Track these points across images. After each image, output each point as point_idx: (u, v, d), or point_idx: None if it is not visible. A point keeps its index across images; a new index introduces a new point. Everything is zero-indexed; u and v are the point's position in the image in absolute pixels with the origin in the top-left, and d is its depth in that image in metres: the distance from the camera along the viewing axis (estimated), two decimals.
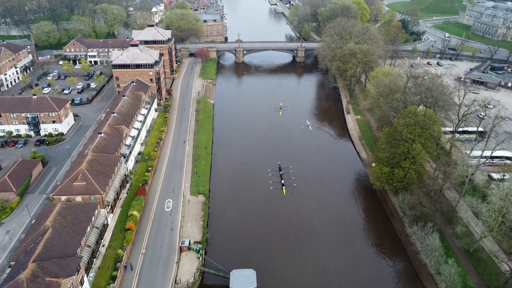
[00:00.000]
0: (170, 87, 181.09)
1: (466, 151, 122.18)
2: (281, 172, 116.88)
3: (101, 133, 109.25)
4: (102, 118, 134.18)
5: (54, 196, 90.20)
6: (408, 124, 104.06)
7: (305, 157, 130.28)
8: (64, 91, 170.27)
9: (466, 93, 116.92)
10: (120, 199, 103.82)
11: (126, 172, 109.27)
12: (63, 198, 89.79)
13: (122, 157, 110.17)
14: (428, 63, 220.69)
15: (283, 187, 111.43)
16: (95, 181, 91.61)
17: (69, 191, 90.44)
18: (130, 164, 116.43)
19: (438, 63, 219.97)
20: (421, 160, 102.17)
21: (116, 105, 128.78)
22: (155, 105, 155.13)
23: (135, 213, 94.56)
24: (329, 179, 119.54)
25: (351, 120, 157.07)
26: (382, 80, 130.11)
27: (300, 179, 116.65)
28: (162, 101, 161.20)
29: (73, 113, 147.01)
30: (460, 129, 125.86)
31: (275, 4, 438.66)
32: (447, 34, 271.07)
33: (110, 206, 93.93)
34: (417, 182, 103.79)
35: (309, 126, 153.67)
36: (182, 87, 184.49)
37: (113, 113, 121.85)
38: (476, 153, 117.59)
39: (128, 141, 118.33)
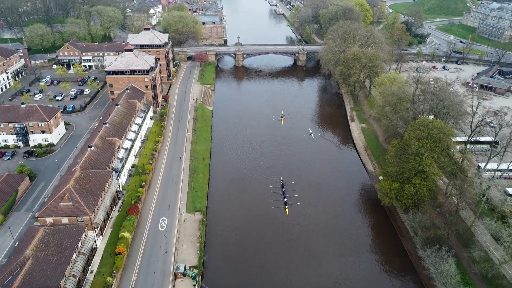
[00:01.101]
0: (167, 93, 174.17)
1: (479, 164, 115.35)
2: (283, 189, 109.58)
3: (91, 147, 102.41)
4: (95, 127, 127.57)
5: (39, 218, 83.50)
6: (419, 137, 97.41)
7: (309, 170, 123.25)
8: (57, 98, 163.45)
9: (480, 103, 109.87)
10: (112, 217, 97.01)
11: (118, 188, 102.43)
12: (49, 219, 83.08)
13: (114, 172, 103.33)
14: (433, 67, 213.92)
15: (286, 207, 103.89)
16: (83, 201, 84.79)
17: (54, 212, 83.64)
18: (123, 178, 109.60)
19: (444, 67, 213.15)
20: (433, 176, 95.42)
21: (109, 115, 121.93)
22: (150, 113, 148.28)
23: (126, 234, 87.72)
24: (334, 194, 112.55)
25: (356, 129, 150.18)
26: (390, 88, 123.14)
27: (303, 196, 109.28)
28: (158, 108, 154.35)
29: (64, 122, 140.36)
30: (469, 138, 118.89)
31: (275, 5, 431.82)
32: (452, 37, 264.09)
33: (99, 227, 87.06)
34: (429, 199, 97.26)
35: (312, 135, 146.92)
36: (179, 93, 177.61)
37: (105, 123, 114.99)
38: (490, 165, 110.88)
39: (121, 153, 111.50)
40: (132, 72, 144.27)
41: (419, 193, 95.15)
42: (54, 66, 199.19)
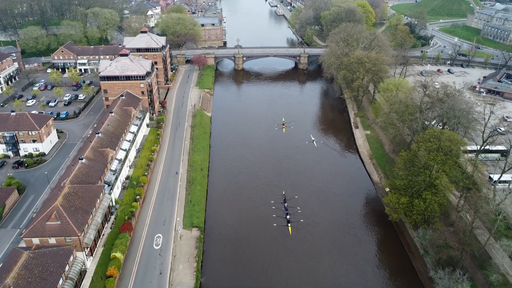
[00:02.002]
0: (164, 98, 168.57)
1: (490, 174, 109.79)
2: (286, 204, 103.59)
3: (82, 159, 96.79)
4: (88, 135, 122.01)
5: (24, 238, 77.97)
6: (429, 149, 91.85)
7: (312, 182, 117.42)
8: (50, 104, 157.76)
9: (493, 112, 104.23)
10: (103, 234, 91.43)
11: (111, 203, 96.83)
12: (35, 240, 77.54)
13: (107, 186, 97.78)
14: (438, 70, 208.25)
15: (289, 224, 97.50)
16: (72, 220, 79.20)
17: (41, 232, 78.04)
18: (116, 191, 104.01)
19: (449, 71, 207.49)
20: (445, 191, 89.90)
21: (102, 123, 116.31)
22: (147, 120, 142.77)
23: (118, 255, 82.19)
24: (339, 208, 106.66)
25: (360, 136, 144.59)
26: (396, 95, 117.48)
27: (307, 211, 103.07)
28: (155, 115, 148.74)
29: (57, 130, 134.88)
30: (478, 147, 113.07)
31: (276, 6, 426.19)
32: (456, 39, 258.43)
33: (89, 248, 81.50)
34: (440, 215, 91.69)
35: (314, 142, 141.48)
36: (177, 98, 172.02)
37: (98, 133, 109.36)
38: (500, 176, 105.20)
39: (114, 165, 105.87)
40: (128, 78, 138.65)
41: (429, 208, 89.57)
42: (49, 70, 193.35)
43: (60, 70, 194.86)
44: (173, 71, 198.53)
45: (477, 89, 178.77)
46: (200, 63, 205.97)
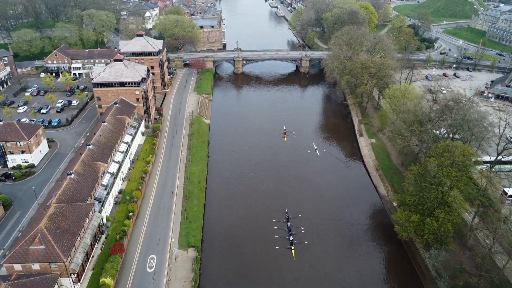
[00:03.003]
0: (161, 105, 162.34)
1: (504, 188, 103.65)
2: (289, 224, 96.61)
3: (70, 174, 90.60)
4: (81, 144, 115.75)
5: (5, 265, 71.81)
6: (442, 164, 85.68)
7: (316, 196, 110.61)
8: (42, 110, 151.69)
9: (508, 123, 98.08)
10: (93, 256, 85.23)
11: (101, 221, 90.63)
12: (17, 266, 71.40)
13: (97, 202, 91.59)
14: (444, 74, 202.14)
15: (292, 247, 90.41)
16: (57, 244, 73.02)
17: (23, 257, 71.85)
18: (108, 207, 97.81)
19: (455, 75, 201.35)
20: (459, 210, 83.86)
21: (94, 134, 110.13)
22: (142, 128, 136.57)
23: (108, 281, 76.04)
24: (345, 226, 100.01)
25: (365, 145, 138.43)
26: (404, 103, 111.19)
27: (311, 231, 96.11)
28: (150, 123, 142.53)
29: (48, 139, 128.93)
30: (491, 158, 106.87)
31: (276, 7, 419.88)
32: (461, 41, 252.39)
33: (76, 274, 75.30)
34: (453, 234, 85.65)
35: (317, 151, 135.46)
36: (174, 104, 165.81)
37: (89, 145, 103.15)
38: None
39: (106, 179, 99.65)
40: (122, 84, 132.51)
41: (442, 228, 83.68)
42: (42, 74, 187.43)
43: (53, 74, 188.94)
44: (171, 76, 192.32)
45: (485, 94, 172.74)
46: (199, 67, 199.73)
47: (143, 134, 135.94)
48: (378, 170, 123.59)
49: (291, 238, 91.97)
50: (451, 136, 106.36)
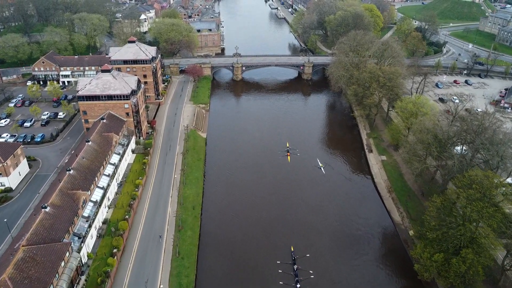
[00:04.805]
0: (154, 117, 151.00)
1: None
2: (295, 267, 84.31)
3: (45, 207, 79.44)
4: (66, 161, 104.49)
5: None
6: (472, 198, 74.58)
7: (324, 226, 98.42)
8: (25, 124, 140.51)
9: None
10: None
11: (81, 262, 79.43)
12: None
13: (77, 239, 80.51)
14: (455, 81, 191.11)
15: None
16: None
17: None
18: (90, 242, 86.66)
19: (466, 82, 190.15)
20: (492, 251, 72.90)
21: (76, 156, 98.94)
22: (132, 145, 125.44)
23: None
24: (359, 264, 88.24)
25: (375, 162, 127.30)
26: (422, 122, 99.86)
27: (321, 273, 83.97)
28: (142, 138, 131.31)
29: (29, 157, 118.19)
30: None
31: (276, 8, 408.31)
32: (470, 45, 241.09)
33: None
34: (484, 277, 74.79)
35: (322, 168, 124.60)
36: (168, 115, 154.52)
37: (69, 170, 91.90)
38: None
39: (88, 210, 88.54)
40: (110, 97, 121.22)
41: (471, 271, 72.76)
42: (29, 83, 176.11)
43: (41, 82, 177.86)
44: (166, 83, 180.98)
45: (501, 104, 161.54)
46: (195, 74, 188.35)
47: (133, 151, 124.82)
48: (391, 192, 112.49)
49: (298, 286, 79.73)
50: (471, 155, 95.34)
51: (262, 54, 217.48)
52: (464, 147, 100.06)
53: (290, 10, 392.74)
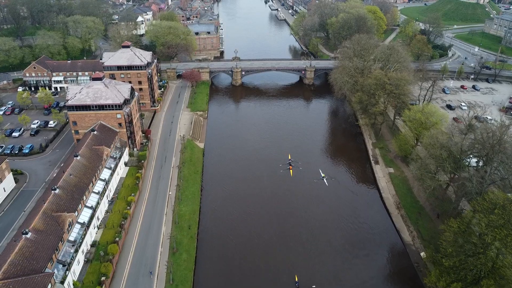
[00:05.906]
0: (149, 126, 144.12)
1: None
2: None
3: (26, 233, 72.55)
4: (54, 175, 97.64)
5: None
6: (493, 224, 67.84)
7: (330, 251, 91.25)
8: (14, 134, 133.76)
9: None
10: None
11: None
12: None
13: (61, 267, 73.73)
14: (462, 86, 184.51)
15: None
16: None
17: None
18: (77, 269, 79.83)
19: (474, 87, 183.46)
20: None
21: (63, 172, 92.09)
22: (125, 157, 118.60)
23: None
24: None
25: (382, 175, 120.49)
26: (436, 137, 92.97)
27: None
28: (135, 149, 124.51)
29: (16, 171, 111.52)
30: None
31: (277, 9, 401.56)
32: (476, 48, 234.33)
33: None
34: None
35: (325, 179, 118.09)
36: (164, 124, 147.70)
37: (54, 189, 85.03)
38: None
39: (75, 233, 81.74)
40: (101, 107, 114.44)
41: None
42: (20, 89, 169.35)
43: (32, 88, 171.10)
44: (162, 89, 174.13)
45: None
46: (193, 79, 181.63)
47: (126, 164, 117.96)
48: (400, 209, 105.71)
49: None
50: (488, 173, 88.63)
51: (262, 58, 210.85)
52: (479, 161, 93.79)
53: (290, 11, 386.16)
